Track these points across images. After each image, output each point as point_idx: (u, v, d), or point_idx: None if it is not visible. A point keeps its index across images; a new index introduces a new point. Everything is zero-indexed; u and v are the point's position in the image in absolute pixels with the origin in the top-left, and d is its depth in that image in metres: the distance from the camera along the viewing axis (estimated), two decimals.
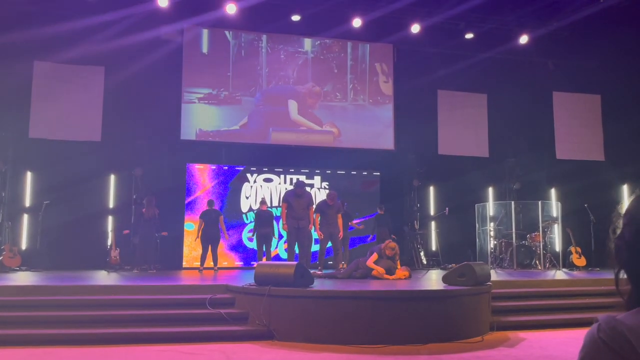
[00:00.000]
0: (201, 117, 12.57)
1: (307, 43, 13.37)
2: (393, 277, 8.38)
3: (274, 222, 11.22)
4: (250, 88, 12.91)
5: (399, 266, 8.71)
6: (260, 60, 13.07)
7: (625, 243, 0.95)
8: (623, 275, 0.95)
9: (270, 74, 13.10)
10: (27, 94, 11.67)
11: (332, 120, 13.26)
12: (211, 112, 12.64)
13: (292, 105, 13.05)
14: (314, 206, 10.15)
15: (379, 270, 8.37)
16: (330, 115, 13.29)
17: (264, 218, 10.88)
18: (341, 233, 10.06)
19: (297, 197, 9.80)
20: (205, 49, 12.83)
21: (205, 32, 12.76)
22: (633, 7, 11.98)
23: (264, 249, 10.80)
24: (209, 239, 10.56)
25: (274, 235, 11.09)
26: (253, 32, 12.96)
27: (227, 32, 12.90)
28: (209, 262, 10.75)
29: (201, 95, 12.59)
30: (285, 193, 10.39)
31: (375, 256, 8.57)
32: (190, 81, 12.58)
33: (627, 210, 0.98)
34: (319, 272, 9.20)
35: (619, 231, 0.98)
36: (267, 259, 10.55)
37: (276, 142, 12.88)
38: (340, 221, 9.98)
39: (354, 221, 11.74)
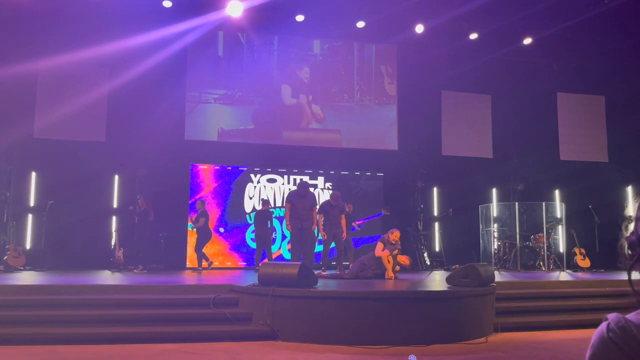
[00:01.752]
0: (218, 117, 12.64)
1: (316, 45, 13.40)
2: (397, 270, 8.60)
3: (272, 222, 11.26)
4: (263, 89, 12.97)
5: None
6: (271, 62, 13.10)
7: (638, 237, 0.95)
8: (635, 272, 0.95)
9: (280, 75, 13.13)
10: (32, 95, 11.71)
11: (334, 118, 13.29)
12: (227, 112, 12.71)
13: (286, 90, 13.10)
14: (318, 207, 10.15)
15: (384, 256, 8.53)
16: (336, 116, 13.31)
17: (259, 218, 10.93)
18: (345, 233, 10.06)
19: (300, 198, 9.81)
20: (220, 51, 12.86)
21: (208, 32, 12.78)
22: (637, 8, 11.94)
23: (264, 250, 10.83)
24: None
25: (269, 235, 11.08)
26: (263, 35, 12.98)
27: (240, 35, 12.92)
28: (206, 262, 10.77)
29: (217, 96, 12.66)
30: (289, 193, 10.40)
31: (380, 245, 8.69)
32: (206, 82, 12.64)
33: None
34: (324, 273, 9.22)
35: (631, 227, 0.97)
36: (268, 260, 10.55)
37: (285, 142, 12.90)
38: (343, 222, 9.98)
39: (356, 222, 11.72)
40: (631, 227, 0.97)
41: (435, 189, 13.77)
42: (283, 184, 12.84)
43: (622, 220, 1.02)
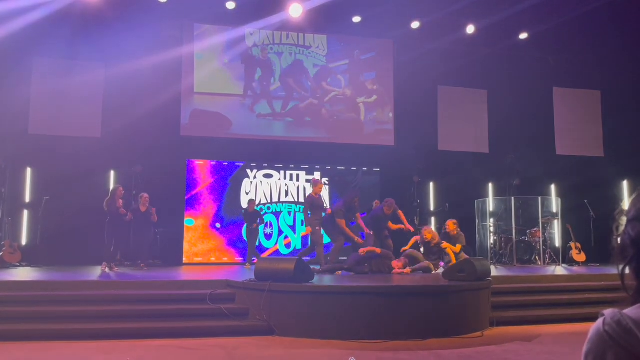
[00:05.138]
0: (214, 112, 12.62)
1: (310, 39, 13.34)
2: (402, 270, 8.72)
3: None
4: (260, 84, 12.94)
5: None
6: (266, 58, 13.05)
7: (630, 239, 0.95)
8: (627, 270, 0.95)
9: (273, 69, 13.10)
10: (27, 90, 11.64)
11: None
12: (224, 107, 12.68)
13: (285, 85, 13.17)
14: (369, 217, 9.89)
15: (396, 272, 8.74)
16: (334, 112, 13.30)
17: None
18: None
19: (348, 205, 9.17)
20: (217, 47, 12.79)
21: (204, 28, 12.73)
22: (634, 2, 11.95)
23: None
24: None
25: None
26: (257, 29, 12.91)
27: (238, 30, 12.87)
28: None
29: (213, 91, 12.62)
30: (337, 208, 9.11)
31: (399, 264, 8.91)
32: (201, 77, 12.58)
33: (631, 207, 0.98)
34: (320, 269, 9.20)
35: (622, 228, 0.98)
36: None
37: (282, 138, 12.88)
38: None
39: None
40: (621, 227, 0.98)
41: (431, 184, 13.78)
42: (279, 179, 12.82)
43: (617, 215, 1.02)
